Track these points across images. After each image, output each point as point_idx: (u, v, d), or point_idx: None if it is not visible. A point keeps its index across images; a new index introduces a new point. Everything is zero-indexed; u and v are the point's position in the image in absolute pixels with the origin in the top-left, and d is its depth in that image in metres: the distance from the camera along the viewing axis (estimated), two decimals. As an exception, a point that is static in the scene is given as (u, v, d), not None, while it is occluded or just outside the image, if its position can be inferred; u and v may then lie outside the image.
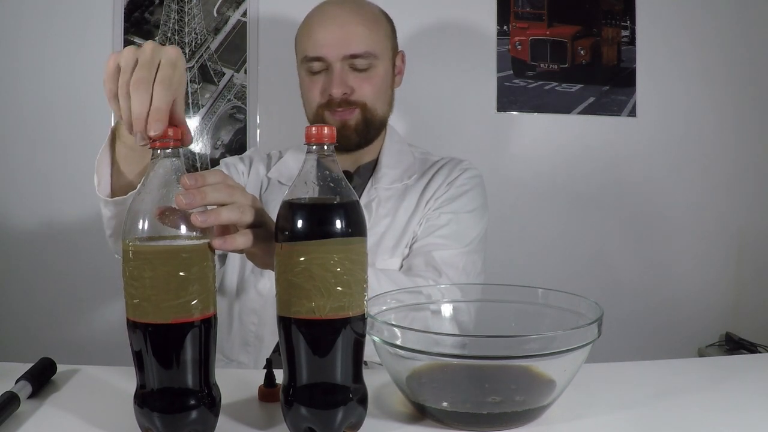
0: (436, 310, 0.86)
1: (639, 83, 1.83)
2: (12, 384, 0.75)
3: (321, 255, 0.62)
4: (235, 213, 0.67)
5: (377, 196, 1.17)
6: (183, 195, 0.62)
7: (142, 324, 0.62)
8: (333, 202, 0.64)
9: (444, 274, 1.07)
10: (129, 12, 1.64)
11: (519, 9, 1.77)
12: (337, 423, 0.63)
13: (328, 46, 1.10)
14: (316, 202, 0.65)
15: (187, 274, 0.62)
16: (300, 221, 0.63)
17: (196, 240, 0.64)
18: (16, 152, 1.65)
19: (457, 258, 1.11)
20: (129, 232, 0.63)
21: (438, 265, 1.08)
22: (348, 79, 1.11)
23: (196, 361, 0.63)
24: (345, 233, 0.63)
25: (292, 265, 0.63)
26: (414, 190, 1.19)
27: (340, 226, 0.63)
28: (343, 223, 0.63)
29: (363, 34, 1.11)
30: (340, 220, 0.63)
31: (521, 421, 0.69)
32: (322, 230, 0.63)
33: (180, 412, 0.63)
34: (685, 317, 1.89)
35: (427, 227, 1.14)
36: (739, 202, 1.90)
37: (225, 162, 1.29)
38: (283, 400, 0.65)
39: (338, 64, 1.10)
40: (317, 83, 1.13)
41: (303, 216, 0.63)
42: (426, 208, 1.17)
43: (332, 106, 1.12)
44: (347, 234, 0.63)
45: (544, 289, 0.83)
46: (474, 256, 1.14)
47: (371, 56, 1.11)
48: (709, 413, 0.73)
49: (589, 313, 0.75)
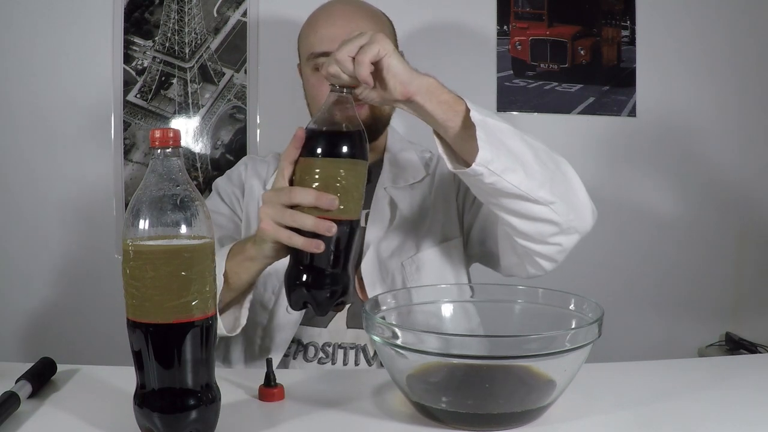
0: (436, 310, 0.86)
1: (639, 83, 1.83)
2: (12, 384, 0.75)
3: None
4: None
5: (394, 195, 1.17)
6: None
7: (142, 324, 0.62)
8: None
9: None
10: (129, 12, 1.64)
11: (519, 9, 1.77)
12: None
13: (336, 39, 1.08)
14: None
15: (189, 273, 0.62)
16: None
17: (197, 239, 0.64)
18: (15, 152, 1.65)
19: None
20: (129, 231, 0.63)
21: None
22: None
23: (196, 361, 0.63)
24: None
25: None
26: (428, 184, 1.19)
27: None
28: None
29: (369, 28, 1.10)
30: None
31: (521, 421, 0.69)
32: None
33: (180, 412, 0.63)
34: (685, 317, 1.89)
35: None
36: (739, 202, 1.90)
37: (217, 188, 1.25)
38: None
39: None
40: (324, 80, 1.12)
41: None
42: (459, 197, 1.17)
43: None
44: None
45: (545, 289, 0.84)
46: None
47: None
48: (709, 413, 0.73)
49: (589, 313, 0.75)
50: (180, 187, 0.64)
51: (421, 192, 1.19)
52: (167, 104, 1.67)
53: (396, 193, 1.17)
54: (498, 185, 0.83)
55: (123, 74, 1.64)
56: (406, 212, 1.16)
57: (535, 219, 0.89)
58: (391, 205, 1.16)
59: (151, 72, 1.65)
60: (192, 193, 0.65)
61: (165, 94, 1.66)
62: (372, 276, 1.11)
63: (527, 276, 1.05)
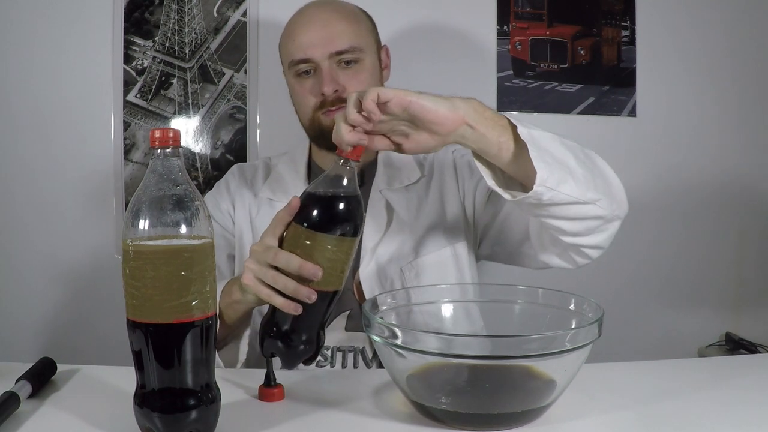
0: (436, 310, 0.86)
1: (639, 83, 1.82)
2: (12, 384, 0.75)
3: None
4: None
5: (390, 198, 1.15)
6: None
7: (142, 324, 0.62)
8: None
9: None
10: (129, 12, 1.64)
11: (519, 9, 1.77)
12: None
13: (314, 46, 1.09)
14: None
15: (189, 273, 0.62)
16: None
17: (197, 239, 0.64)
18: (15, 152, 1.65)
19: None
20: (129, 231, 0.63)
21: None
22: (338, 77, 1.09)
23: (196, 361, 0.63)
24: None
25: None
26: (423, 186, 1.18)
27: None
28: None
29: (346, 30, 1.10)
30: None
31: (521, 421, 0.69)
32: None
33: (180, 412, 0.63)
34: (685, 317, 1.89)
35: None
36: (739, 202, 1.90)
37: (208, 205, 1.22)
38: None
39: (326, 63, 1.09)
40: (307, 86, 1.12)
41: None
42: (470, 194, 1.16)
43: (325, 106, 1.11)
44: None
45: (545, 289, 0.84)
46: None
47: (357, 50, 1.10)
48: (709, 413, 0.73)
49: (590, 313, 0.75)
50: (180, 187, 0.64)
51: (417, 193, 1.17)
52: (167, 104, 1.67)
53: (391, 195, 1.16)
54: (554, 199, 0.83)
55: (123, 74, 1.64)
56: (403, 215, 1.14)
57: (584, 218, 0.89)
58: (387, 208, 1.15)
59: (151, 72, 1.65)
60: (192, 193, 0.65)
61: (165, 94, 1.66)
62: (371, 282, 1.09)
63: (575, 266, 1.02)
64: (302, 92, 1.13)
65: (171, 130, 0.65)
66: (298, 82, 1.13)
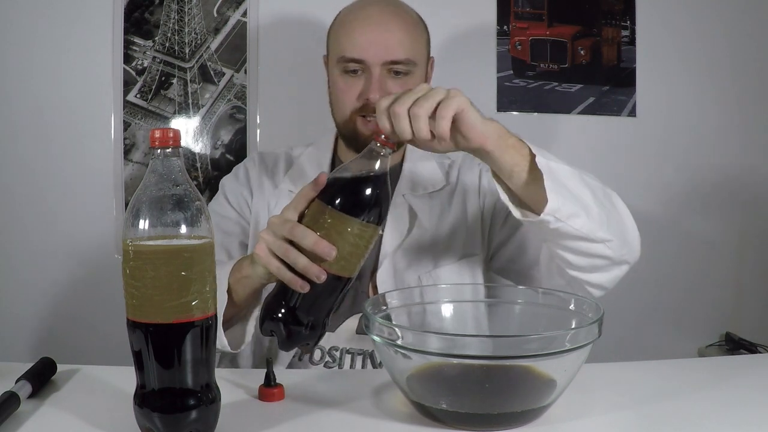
0: (436, 310, 0.86)
1: (639, 83, 1.82)
2: (12, 384, 0.75)
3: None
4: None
5: (413, 203, 1.14)
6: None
7: (142, 324, 0.62)
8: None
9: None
10: (129, 12, 1.64)
11: (519, 9, 1.77)
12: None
13: (370, 49, 1.05)
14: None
15: (189, 273, 0.62)
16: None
17: (197, 239, 0.64)
18: (15, 152, 1.65)
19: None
20: (129, 231, 0.63)
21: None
22: (387, 86, 1.06)
23: (196, 361, 0.63)
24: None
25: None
26: (447, 194, 1.16)
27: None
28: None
29: (405, 40, 1.07)
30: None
31: (521, 421, 0.69)
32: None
33: (180, 412, 0.63)
34: (685, 317, 1.89)
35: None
36: (739, 202, 1.90)
37: (224, 189, 1.21)
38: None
39: (377, 69, 1.05)
40: (353, 86, 1.08)
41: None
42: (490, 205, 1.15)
43: (367, 111, 1.07)
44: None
45: (545, 289, 0.84)
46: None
47: (411, 63, 1.08)
48: (709, 413, 0.73)
49: (590, 313, 0.75)
50: (180, 187, 0.64)
51: (440, 201, 1.15)
52: (167, 104, 1.67)
53: (415, 200, 1.14)
54: (562, 230, 0.84)
55: (123, 74, 1.64)
56: (425, 222, 1.12)
57: (590, 255, 0.91)
58: (410, 213, 1.13)
59: (151, 72, 1.65)
60: (192, 193, 0.65)
61: (165, 94, 1.66)
62: (387, 286, 1.08)
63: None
64: (346, 90, 1.09)
65: (171, 130, 0.65)
66: (343, 78, 1.09)
